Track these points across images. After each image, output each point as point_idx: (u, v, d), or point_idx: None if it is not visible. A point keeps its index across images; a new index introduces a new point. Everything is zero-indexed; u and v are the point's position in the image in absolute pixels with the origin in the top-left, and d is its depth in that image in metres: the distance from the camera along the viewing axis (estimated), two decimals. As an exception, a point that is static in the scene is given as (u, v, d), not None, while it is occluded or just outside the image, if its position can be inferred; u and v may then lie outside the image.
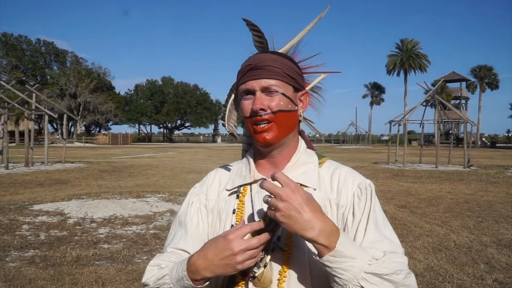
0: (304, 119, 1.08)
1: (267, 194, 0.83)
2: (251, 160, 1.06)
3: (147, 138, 79.03)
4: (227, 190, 1.05)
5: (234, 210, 1.00)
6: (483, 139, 70.58)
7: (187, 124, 78.88)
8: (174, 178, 13.13)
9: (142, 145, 55.84)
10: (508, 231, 6.26)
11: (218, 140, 75.78)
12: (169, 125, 78.62)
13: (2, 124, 15.82)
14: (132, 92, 73.79)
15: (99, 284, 3.99)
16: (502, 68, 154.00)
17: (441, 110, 21.69)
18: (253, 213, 0.98)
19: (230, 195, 1.04)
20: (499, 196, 9.75)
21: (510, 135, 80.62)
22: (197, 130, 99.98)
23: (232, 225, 0.98)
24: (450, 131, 51.80)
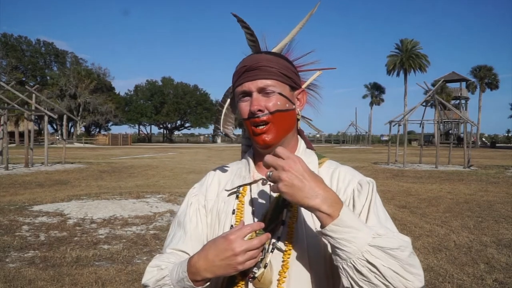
0: (302, 117, 1.08)
1: (268, 170, 0.83)
2: (251, 161, 1.06)
3: (147, 139, 79.06)
4: (227, 191, 1.05)
5: (234, 210, 1.00)
6: (483, 139, 70.55)
7: (187, 124, 78.98)
8: (174, 179, 13.13)
9: (142, 145, 55.84)
10: (508, 231, 6.26)
11: (218, 141, 75.72)
12: (169, 125, 78.66)
13: (2, 125, 15.82)
14: (132, 92, 73.84)
15: (99, 284, 3.99)
16: (502, 68, 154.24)
17: (441, 110, 21.69)
18: (253, 213, 0.98)
19: (229, 195, 1.04)
20: (499, 196, 9.75)
21: (510, 135, 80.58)
22: (197, 131, 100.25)
23: (232, 225, 0.97)
24: (450, 131, 51.85)
